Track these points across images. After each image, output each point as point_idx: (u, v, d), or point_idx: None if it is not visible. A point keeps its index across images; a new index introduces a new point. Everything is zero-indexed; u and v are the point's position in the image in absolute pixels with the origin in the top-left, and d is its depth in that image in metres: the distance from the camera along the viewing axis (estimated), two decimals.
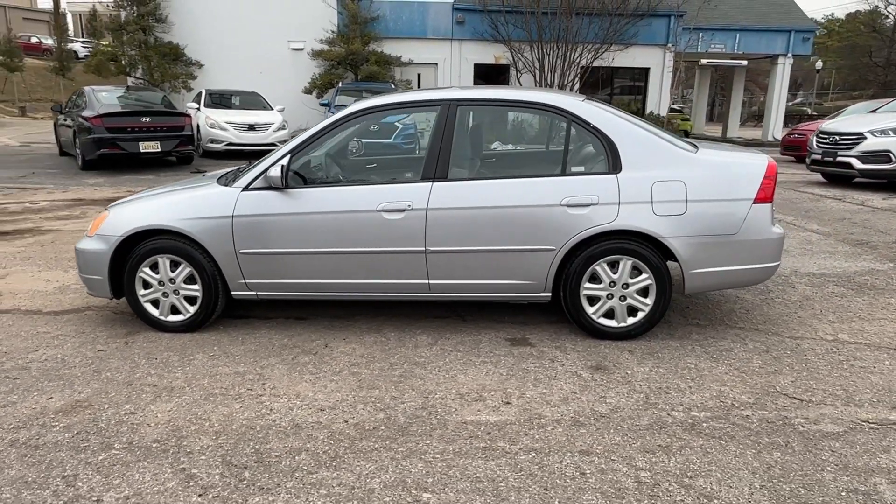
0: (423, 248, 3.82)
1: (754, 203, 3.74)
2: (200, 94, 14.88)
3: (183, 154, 12.35)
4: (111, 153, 10.95)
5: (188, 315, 4.07)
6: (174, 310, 4.09)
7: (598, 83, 18.22)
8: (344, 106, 13.94)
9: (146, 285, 4.06)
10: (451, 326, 4.16)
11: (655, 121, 17.71)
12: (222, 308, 4.14)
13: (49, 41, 38.61)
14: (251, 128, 13.61)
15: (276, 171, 3.80)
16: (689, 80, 29.75)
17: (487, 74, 18.31)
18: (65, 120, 12.61)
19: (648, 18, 17.41)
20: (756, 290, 4.85)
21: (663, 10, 17.55)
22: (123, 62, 16.86)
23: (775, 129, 22.16)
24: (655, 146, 3.80)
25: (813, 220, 7.61)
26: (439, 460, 2.65)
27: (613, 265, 3.81)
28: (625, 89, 19.02)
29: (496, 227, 3.77)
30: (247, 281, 4.00)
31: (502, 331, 4.09)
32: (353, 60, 16.76)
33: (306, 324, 4.24)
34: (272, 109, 14.76)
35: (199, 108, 14.19)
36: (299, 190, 3.89)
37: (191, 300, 4.06)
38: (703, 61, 22.84)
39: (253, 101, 15.08)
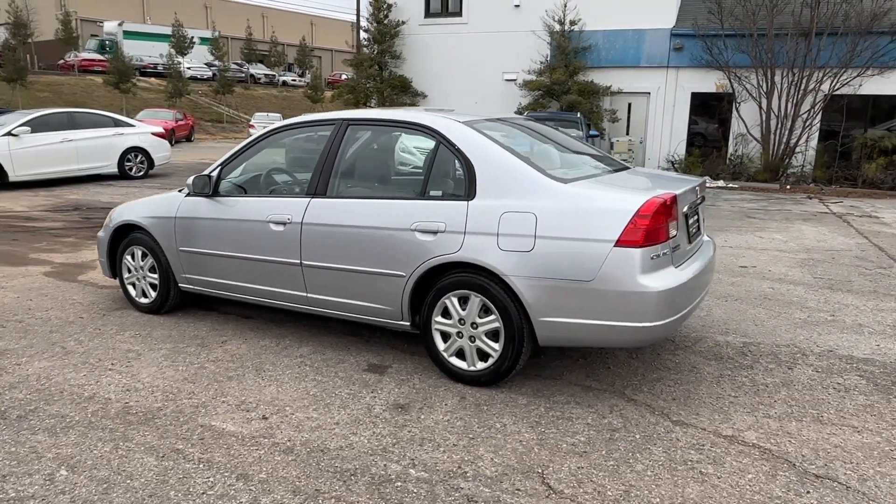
0: (300, 261, 3.94)
1: (615, 246, 3.06)
2: None
3: None
4: None
5: (150, 300, 4.77)
6: (144, 294, 4.83)
7: (842, 113, 15.15)
8: None
9: (129, 270, 4.87)
10: (341, 345, 4.15)
11: None
12: (177, 297, 4.74)
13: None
14: None
15: (190, 181, 4.29)
16: None
17: (706, 104, 16.64)
18: None
19: None
20: (733, 365, 3.82)
21: None
22: (361, 93, 19.42)
23: None
24: (514, 172, 3.36)
25: None
26: (120, 449, 2.80)
27: (465, 301, 3.45)
28: (884, 122, 15.49)
29: (354, 246, 3.71)
30: (185, 275, 4.55)
31: (379, 355, 3.95)
32: (555, 90, 16.76)
33: (242, 322, 4.61)
34: None
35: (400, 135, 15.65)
36: (221, 198, 4.31)
37: (154, 287, 4.76)
38: None
39: None
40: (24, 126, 11.85)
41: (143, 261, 4.75)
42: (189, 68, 38.79)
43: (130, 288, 4.89)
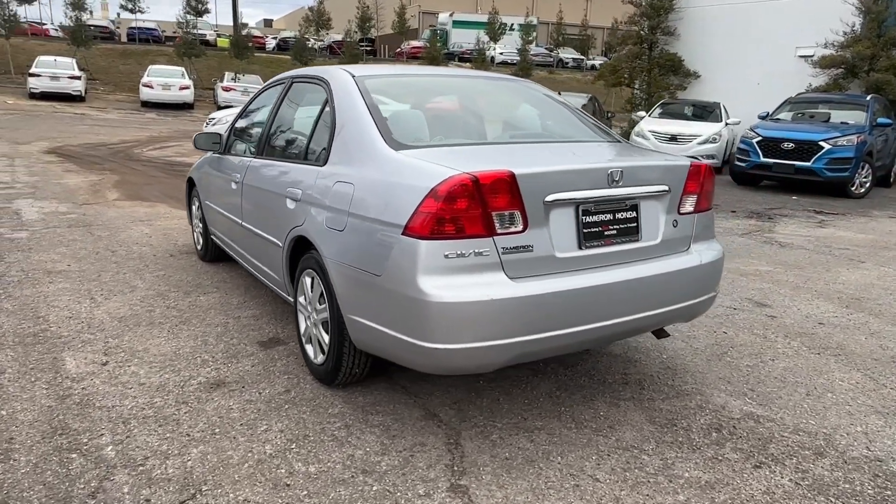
0: (241, 221, 3.87)
1: (403, 234, 2.28)
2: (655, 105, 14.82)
3: None
4: None
5: (201, 246, 5.22)
6: (199, 241, 5.31)
7: None
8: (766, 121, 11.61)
9: (193, 219, 5.40)
10: (285, 315, 3.97)
11: None
12: (214, 247, 5.07)
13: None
14: (673, 138, 12.88)
15: (194, 136, 4.50)
16: None
17: None
18: None
19: None
20: (674, 440, 2.55)
21: None
22: (624, 74, 18.02)
23: None
24: (358, 133, 2.73)
25: None
26: None
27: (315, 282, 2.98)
28: None
29: (257, 208, 3.50)
30: (210, 227, 4.85)
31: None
32: (858, 67, 13.19)
33: (251, 280, 4.75)
34: (720, 122, 13.43)
35: (643, 118, 14.31)
36: (224, 156, 4.44)
37: (203, 235, 5.19)
38: None
39: (708, 111, 14.03)
40: None
41: (198, 211, 5.21)
42: (501, 53, 41.01)
43: (195, 235, 5.41)
